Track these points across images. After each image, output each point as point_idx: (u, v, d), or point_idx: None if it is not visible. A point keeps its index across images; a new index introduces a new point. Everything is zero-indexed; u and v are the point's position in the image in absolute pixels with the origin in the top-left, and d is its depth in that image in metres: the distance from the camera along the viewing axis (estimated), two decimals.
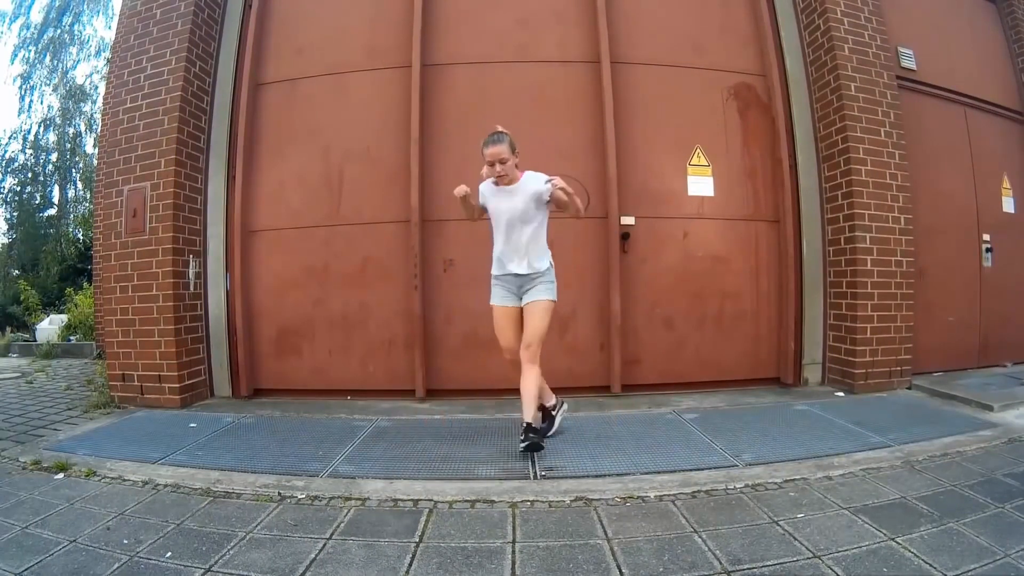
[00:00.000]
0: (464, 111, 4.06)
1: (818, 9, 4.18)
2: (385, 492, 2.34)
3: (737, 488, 2.33)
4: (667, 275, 4.08)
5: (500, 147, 2.65)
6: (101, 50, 15.45)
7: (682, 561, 1.77)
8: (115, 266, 3.96)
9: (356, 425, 3.31)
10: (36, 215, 15.10)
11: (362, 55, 4.18)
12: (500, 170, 2.66)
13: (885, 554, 1.77)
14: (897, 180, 4.03)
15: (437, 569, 1.76)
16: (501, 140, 2.66)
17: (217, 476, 2.52)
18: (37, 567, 1.78)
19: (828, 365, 4.18)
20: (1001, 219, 4.78)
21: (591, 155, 4.02)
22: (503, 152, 2.65)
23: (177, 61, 3.95)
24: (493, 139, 2.68)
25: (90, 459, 2.74)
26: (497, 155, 2.65)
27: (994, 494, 2.18)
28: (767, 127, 4.24)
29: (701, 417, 3.36)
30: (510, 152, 2.67)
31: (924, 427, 3.04)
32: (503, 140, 2.67)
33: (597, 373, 4.00)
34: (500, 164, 2.65)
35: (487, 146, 2.67)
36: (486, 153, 2.68)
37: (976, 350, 4.58)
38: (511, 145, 2.68)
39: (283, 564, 1.79)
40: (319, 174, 4.13)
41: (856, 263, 3.92)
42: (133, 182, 3.95)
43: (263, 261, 4.16)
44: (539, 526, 2.03)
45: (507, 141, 2.67)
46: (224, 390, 4.14)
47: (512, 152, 2.69)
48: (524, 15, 4.17)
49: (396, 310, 4.02)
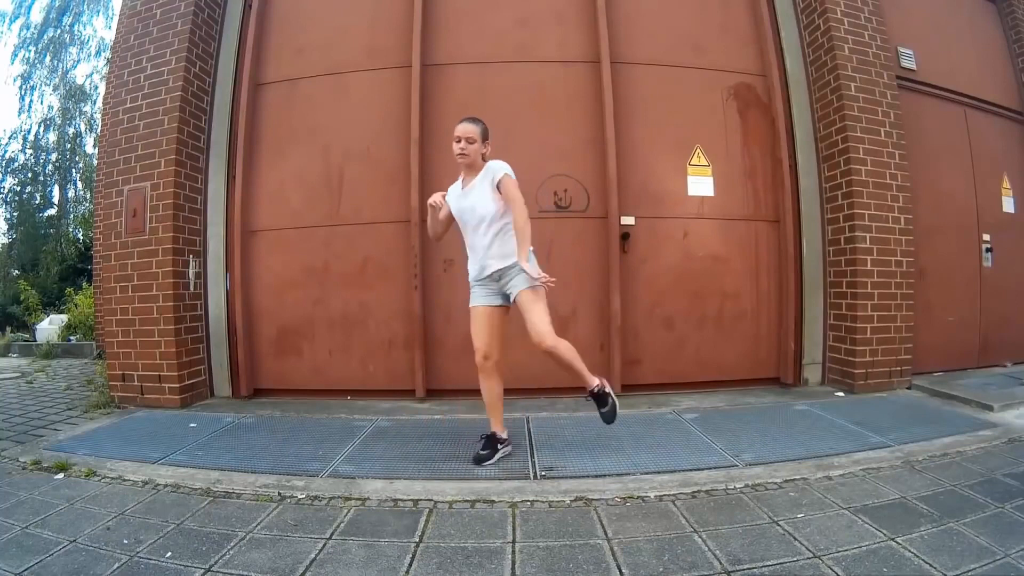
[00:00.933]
0: (464, 111, 4.01)
1: (818, 9, 4.18)
2: (385, 492, 2.34)
3: (737, 488, 2.33)
4: (667, 275, 4.08)
5: (471, 127, 2.61)
6: (101, 50, 15.45)
7: (682, 561, 1.77)
8: (115, 266, 3.96)
9: (356, 425, 3.31)
10: (36, 215, 15.09)
11: (362, 55, 4.18)
12: (463, 147, 2.60)
13: (885, 554, 1.77)
14: (897, 180, 4.03)
15: (437, 569, 1.76)
16: (475, 122, 2.64)
17: (217, 476, 2.52)
18: (37, 567, 1.78)
19: (828, 365, 4.18)
20: (1001, 219, 4.78)
21: (591, 155, 4.02)
22: (472, 132, 2.60)
23: (177, 61, 3.95)
24: (468, 119, 2.66)
25: (90, 459, 2.74)
26: (465, 133, 2.60)
27: (994, 494, 2.18)
28: (767, 127, 4.24)
29: (701, 417, 3.36)
30: (480, 138, 2.62)
31: (924, 427, 3.04)
32: (477, 123, 2.64)
33: (597, 373, 3.95)
34: (466, 142, 2.59)
35: (460, 123, 2.64)
36: (456, 129, 2.63)
37: (976, 350, 4.58)
38: (484, 132, 2.65)
39: (283, 564, 1.79)
40: (319, 174, 4.13)
41: (856, 263, 3.92)
42: (133, 182, 3.95)
43: (263, 261, 4.16)
44: (539, 526, 2.03)
45: (481, 126, 2.64)
46: (224, 390, 4.14)
47: (482, 139, 2.64)
48: (524, 15, 4.17)
49: (396, 310, 4.02)
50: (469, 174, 2.69)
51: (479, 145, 2.63)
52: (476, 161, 2.65)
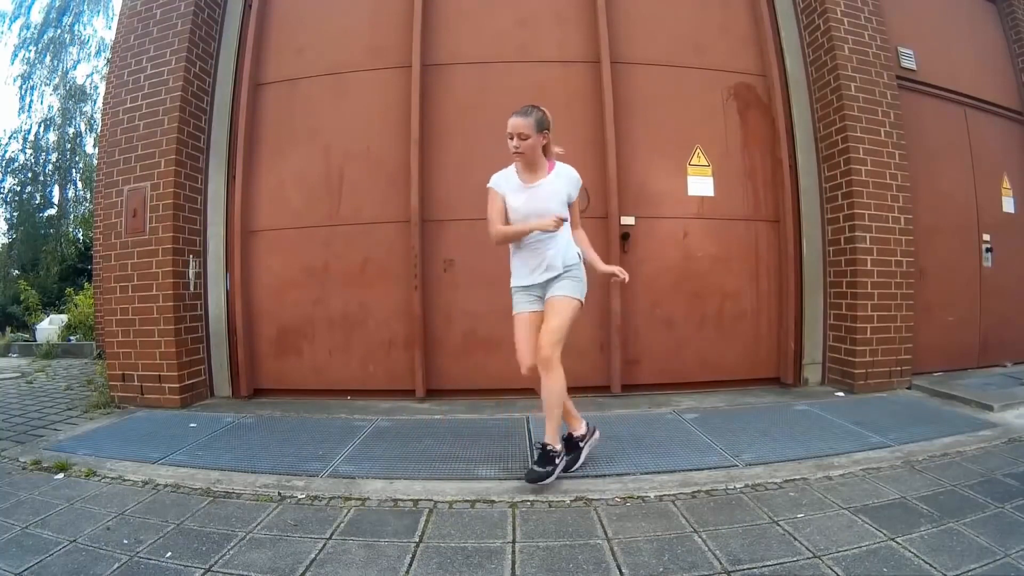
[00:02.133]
0: (464, 111, 4.06)
1: (818, 9, 4.18)
2: (385, 492, 2.34)
3: (737, 488, 2.33)
4: (667, 275, 4.08)
5: (522, 120, 2.37)
6: (101, 50, 15.44)
7: (682, 561, 1.77)
8: (115, 266, 3.96)
9: (356, 425, 3.30)
10: (36, 215, 15.08)
11: (362, 55, 4.18)
12: (517, 145, 2.38)
13: (885, 554, 1.77)
14: (897, 180, 4.03)
15: (437, 569, 1.76)
16: (527, 113, 2.39)
17: (217, 476, 2.52)
18: (37, 567, 1.78)
19: (828, 365, 4.18)
20: (1001, 219, 4.78)
21: (591, 155, 4.01)
22: (522, 126, 2.36)
23: (177, 61, 3.95)
24: (519, 111, 2.41)
25: (90, 459, 2.74)
26: (516, 128, 2.37)
27: (994, 494, 2.18)
28: (767, 127, 4.24)
29: (701, 417, 3.36)
30: (534, 130, 2.37)
31: (924, 427, 3.04)
32: (529, 114, 2.39)
33: (597, 373, 4.00)
34: (519, 138, 2.37)
35: (511, 117, 2.41)
36: (508, 123, 2.40)
37: (976, 350, 4.58)
38: (539, 122, 2.38)
39: (283, 564, 1.79)
40: (319, 174, 4.13)
41: (856, 263, 3.92)
42: (133, 182, 3.95)
43: (263, 261, 4.16)
44: (539, 526, 2.03)
45: (533, 116, 2.38)
46: (224, 390, 4.14)
47: (539, 131, 2.38)
48: (524, 15, 4.17)
49: (396, 310, 4.01)
50: (529, 169, 2.47)
51: (535, 139, 2.39)
52: (536, 156, 2.44)
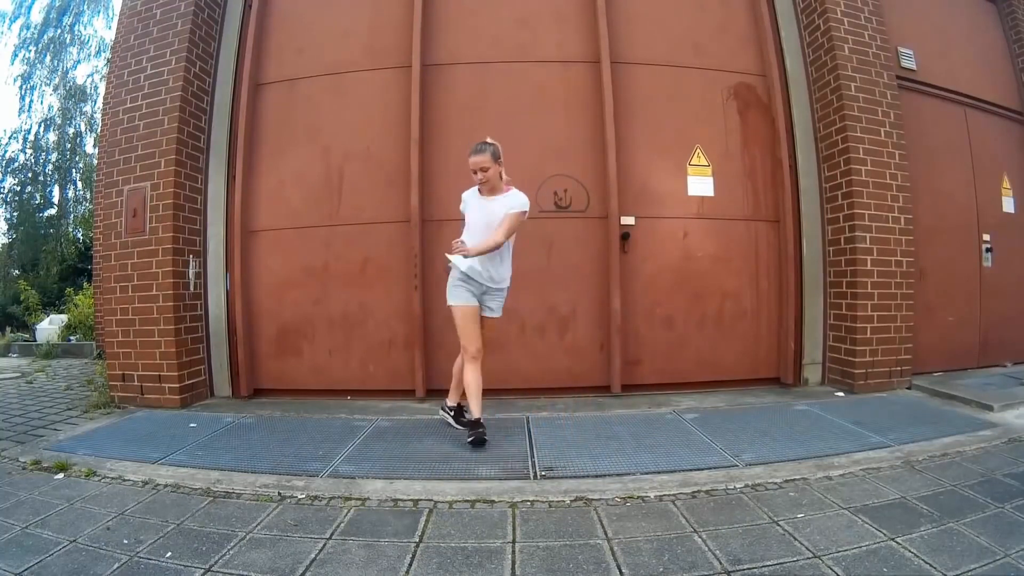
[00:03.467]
0: (464, 111, 4.06)
1: (818, 9, 4.18)
2: (385, 492, 2.34)
3: (737, 488, 2.33)
4: (667, 275, 4.08)
5: (481, 156, 2.82)
6: (101, 50, 15.42)
7: (682, 561, 1.77)
8: (115, 266, 3.95)
9: (356, 425, 3.30)
10: (36, 215, 15.07)
11: (362, 55, 4.18)
12: (482, 177, 2.84)
13: (885, 554, 1.77)
14: (897, 180, 4.03)
15: (437, 569, 1.76)
16: (483, 150, 2.83)
17: (217, 476, 2.52)
18: (37, 567, 1.78)
19: (828, 365, 4.18)
20: (1001, 219, 4.78)
21: (591, 155, 4.02)
22: (484, 161, 2.81)
23: (177, 61, 3.94)
24: (476, 149, 2.85)
25: (90, 459, 2.74)
26: (478, 164, 2.82)
27: (994, 494, 2.19)
28: (767, 127, 4.24)
29: (701, 417, 3.36)
30: (492, 161, 2.83)
31: (924, 427, 3.04)
32: (485, 150, 2.83)
33: (597, 373, 4.00)
34: (482, 172, 2.82)
35: (471, 155, 2.85)
36: (470, 161, 2.85)
37: (976, 350, 4.58)
38: (494, 155, 2.84)
39: (283, 564, 1.79)
40: (319, 174, 4.13)
41: (856, 263, 3.92)
42: (133, 182, 3.94)
43: (263, 261, 4.16)
44: (539, 526, 2.03)
45: (489, 152, 2.83)
46: (224, 390, 4.14)
47: (495, 161, 2.84)
48: (524, 15, 4.17)
49: (396, 310, 4.01)
50: (490, 192, 2.92)
51: (494, 168, 2.85)
52: (496, 181, 2.89)
